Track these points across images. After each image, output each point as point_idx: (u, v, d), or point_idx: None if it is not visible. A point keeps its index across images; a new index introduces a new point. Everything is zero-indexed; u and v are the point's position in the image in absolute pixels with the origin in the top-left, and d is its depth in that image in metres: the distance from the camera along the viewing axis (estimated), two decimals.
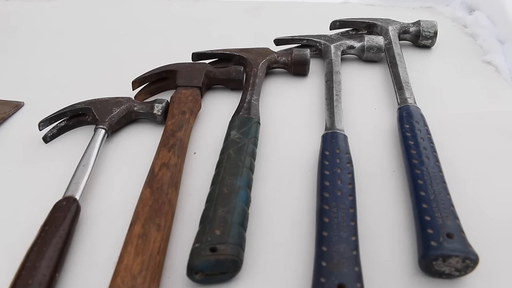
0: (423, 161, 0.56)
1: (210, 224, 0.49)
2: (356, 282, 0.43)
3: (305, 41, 0.87)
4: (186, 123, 0.67)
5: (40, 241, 0.48)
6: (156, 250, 0.48)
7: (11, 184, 0.62)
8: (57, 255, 0.48)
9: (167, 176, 0.57)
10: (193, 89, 0.74)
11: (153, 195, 0.54)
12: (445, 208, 0.49)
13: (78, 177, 0.58)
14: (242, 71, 0.78)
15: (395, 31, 0.88)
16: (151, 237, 0.49)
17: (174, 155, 0.60)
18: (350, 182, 0.54)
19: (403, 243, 0.51)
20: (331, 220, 0.49)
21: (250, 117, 0.66)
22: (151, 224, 0.50)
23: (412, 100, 0.69)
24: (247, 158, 0.58)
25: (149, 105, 0.70)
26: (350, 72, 0.83)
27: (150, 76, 0.77)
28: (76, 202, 0.54)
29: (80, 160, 0.60)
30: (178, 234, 0.53)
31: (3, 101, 0.78)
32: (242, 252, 0.48)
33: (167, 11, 1.14)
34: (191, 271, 0.46)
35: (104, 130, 0.66)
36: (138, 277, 0.45)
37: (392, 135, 0.67)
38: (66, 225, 0.51)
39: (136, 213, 0.52)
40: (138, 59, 0.90)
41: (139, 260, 0.46)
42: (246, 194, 0.53)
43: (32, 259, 0.46)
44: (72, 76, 0.87)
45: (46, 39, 1.01)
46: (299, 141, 0.67)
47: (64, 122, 0.70)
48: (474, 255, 0.45)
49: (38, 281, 0.44)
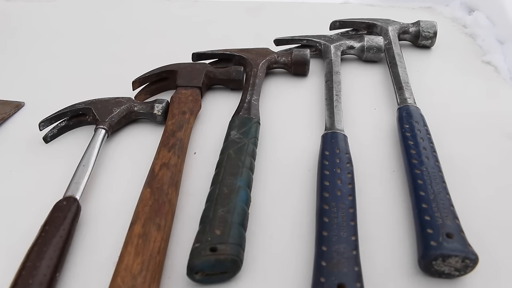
0: (422, 161, 0.56)
1: (210, 224, 0.49)
2: (356, 282, 0.43)
3: (305, 41, 0.87)
4: (186, 123, 0.67)
5: (40, 241, 0.48)
6: (156, 250, 0.48)
7: (12, 184, 0.62)
8: (57, 254, 0.48)
9: (167, 176, 0.57)
10: (193, 89, 0.74)
11: (153, 195, 0.54)
12: (444, 208, 0.49)
13: (78, 177, 0.58)
14: (242, 71, 0.78)
15: (395, 31, 0.88)
16: (151, 237, 0.49)
17: (174, 155, 0.60)
18: (350, 182, 0.55)
19: (403, 243, 0.51)
20: (331, 220, 0.49)
21: (250, 117, 0.66)
22: (151, 224, 0.50)
23: (412, 100, 0.69)
24: (247, 158, 0.58)
25: (149, 105, 0.70)
26: (350, 72, 0.83)
27: (150, 76, 0.78)
28: (77, 202, 0.54)
29: (80, 160, 0.61)
30: (178, 234, 0.53)
31: (3, 101, 0.78)
32: (242, 252, 0.48)
33: (167, 12, 1.14)
34: (191, 270, 0.46)
35: (105, 130, 0.66)
36: (138, 277, 0.45)
37: (391, 135, 0.67)
38: (66, 225, 0.51)
39: (136, 213, 0.52)
40: (138, 59, 0.90)
41: (139, 260, 0.46)
42: (246, 194, 0.53)
43: (32, 259, 0.46)
44: (73, 76, 0.87)
45: (47, 40, 1.01)
46: (299, 141, 0.67)
47: (65, 122, 0.70)
48: (474, 255, 0.45)
49: (39, 280, 0.45)
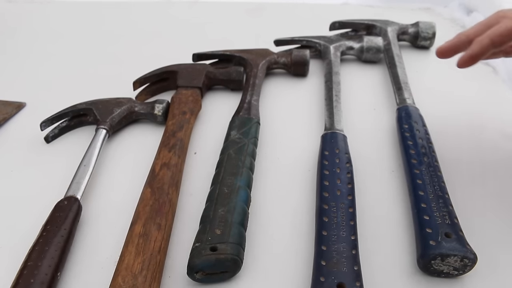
0: (422, 161, 0.56)
1: (210, 223, 0.49)
2: (355, 281, 0.44)
3: (305, 42, 0.87)
4: (187, 123, 0.67)
5: (42, 241, 0.49)
6: (157, 250, 0.48)
7: (13, 184, 0.62)
8: (58, 254, 0.48)
9: (168, 176, 0.57)
10: (194, 89, 0.74)
11: (154, 195, 0.54)
12: (443, 208, 0.50)
13: (79, 177, 0.58)
14: (242, 72, 0.78)
15: (394, 32, 0.89)
16: (152, 237, 0.49)
17: (174, 155, 0.61)
18: (349, 182, 0.55)
19: (402, 243, 0.52)
20: (330, 219, 0.50)
21: (250, 118, 0.66)
22: (152, 224, 0.51)
23: (411, 100, 0.69)
24: (247, 158, 0.59)
25: (150, 106, 0.71)
26: (349, 72, 0.84)
27: (151, 77, 0.78)
28: (78, 202, 0.54)
29: (81, 160, 0.61)
30: (179, 233, 0.54)
31: (5, 101, 0.78)
32: (242, 252, 0.48)
33: (166, 12, 1.14)
34: (191, 270, 0.46)
35: (105, 131, 0.66)
36: (139, 276, 0.45)
37: (391, 135, 0.68)
38: (67, 224, 0.51)
39: (137, 213, 0.52)
40: (138, 60, 0.90)
41: (140, 259, 0.47)
42: (246, 194, 0.54)
43: (34, 258, 0.46)
44: (73, 77, 0.87)
45: (48, 40, 1.02)
46: (299, 141, 0.68)
47: (66, 123, 0.70)
48: (473, 254, 0.45)
49: (40, 280, 0.45)
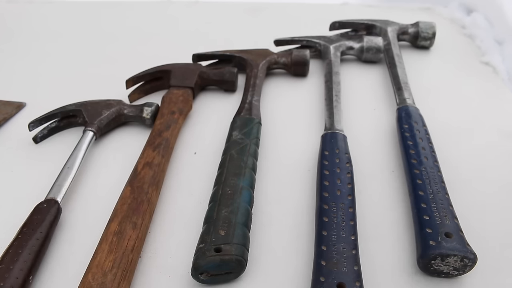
0: (421, 161, 0.56)
1: (214, 224, 0.49)
2: (355, 281, 0.44)
3: (305, 42, 0.87)
4: (174, 123, 0.66)
5: (16, 243, 0.48)
6: (130, 248, 0.48)
7: (12, 184, 0.62)
8: (32, 257, 0.47)
9: (149, 175, 0.57)
10: (185, 89, 0.74)
11: (133, 194, 0.54)
12: (443, 208, 0.50)
13: (61, 180, 0.57)
14: (236, 73, 0.78)
15: (394, 32, 0.89)
16: (126, 235, 0.49)
17: (158, 155, 0.60)
18: (349, 182, 0.55)
19: (402, 243, 0.52)
20: (330, 219, 0.50)
21: (252, 118, 0.66)
22: (128, 222, 0.50)
23: (411, 100, 0.69)
24: (249, 159, 0.59)
25: (139, 109, 0.70)
26: (349, 72, 0.84)
27: (145, 76, 0.77)
28: (57, 205, 0.54)
29: (65, 162, 0.60)
30: (178, 233, 0.54)
31: (5, 101, 0.78)
32: (247, 252, 0.48)
33: (166, 13, 1.14)
34: (196, 271, 0.46)
35: (92, 133, 0.65)
36: (108, 274, 0.45)
37: (391, 135, 0.68)
38: (44, 227, 0.50)
39: (115, 211, 0.52)
40: (138, 60, 0.89)
41: (112, 257, 0.47)
42: (249, 195, 0.54)
43: (6, 261, 0.46)
44: (74, 76, 0.87)
45: (47, 40, 1.02)
46: (299, 141, 0.68)
47: (55, 123, 0.70)
48: (473, 254, 0.45)
49: (10, 283, 0.44)
